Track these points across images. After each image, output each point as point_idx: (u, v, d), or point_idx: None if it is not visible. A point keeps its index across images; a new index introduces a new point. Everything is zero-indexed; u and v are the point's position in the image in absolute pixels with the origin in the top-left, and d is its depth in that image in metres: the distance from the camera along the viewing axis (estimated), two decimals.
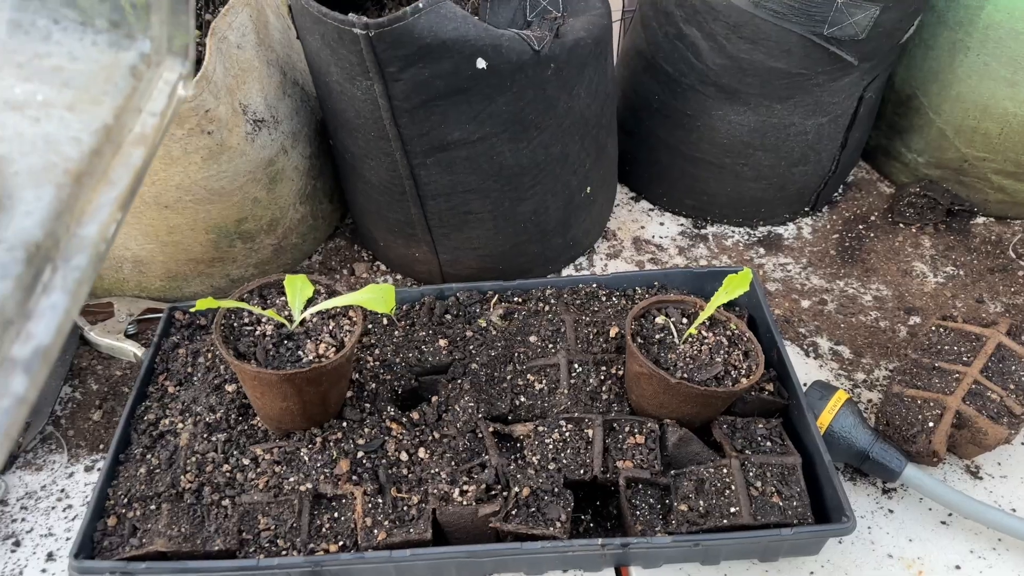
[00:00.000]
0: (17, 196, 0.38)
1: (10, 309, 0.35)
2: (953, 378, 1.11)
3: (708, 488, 0.95)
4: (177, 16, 0.49)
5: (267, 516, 0.95)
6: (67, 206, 0.40)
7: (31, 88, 0.43)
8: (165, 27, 0.48)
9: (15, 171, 0.39)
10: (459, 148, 1.16)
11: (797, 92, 1.30)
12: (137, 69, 0.47)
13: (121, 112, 0.45)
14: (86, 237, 0.40)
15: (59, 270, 0.38)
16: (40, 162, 0.40)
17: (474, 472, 0.98)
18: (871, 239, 1.50)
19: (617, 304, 1.21)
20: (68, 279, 0.38)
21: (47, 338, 0.36)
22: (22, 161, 0.40)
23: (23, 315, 0.36)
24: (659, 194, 1.56)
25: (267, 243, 1.33)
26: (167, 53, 0.49)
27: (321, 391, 0.97)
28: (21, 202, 0.38)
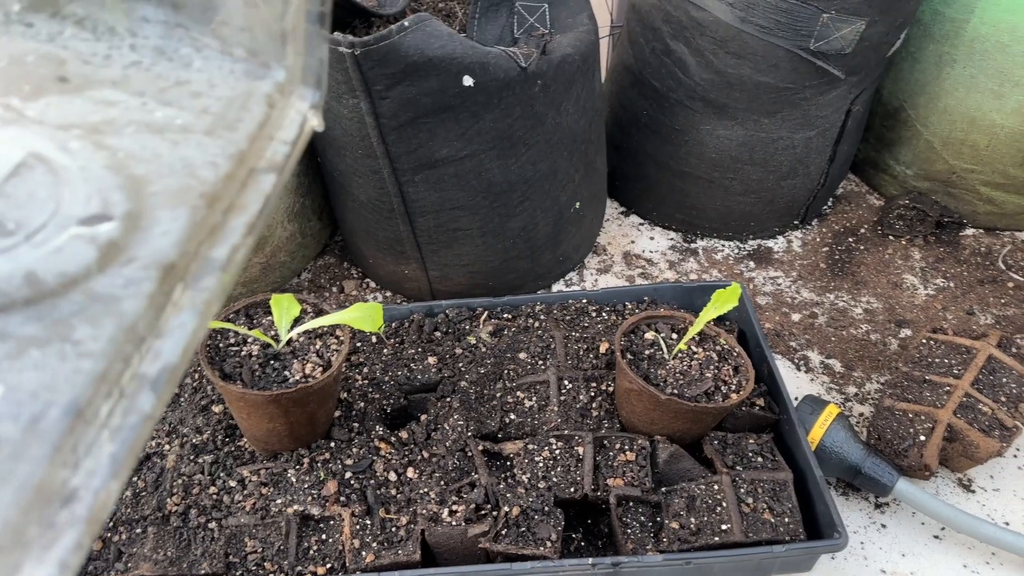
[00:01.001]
0: (154, 216, 0.40)
1: (142, 326, 0.36)
2: (944, 391, 1.11)
3: (699, 505, 0.94)
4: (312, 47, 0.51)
5: (254, 539, 0.94)
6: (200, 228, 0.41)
7: (172, 112, 0.45)
8: (300, 57, 0.50)
9: (153, 192, 0.41)
10: (447, 165, 1.16)
11: (785, 106, 1.30)
12: (271, 97, 0.49)
13: (255, 139, 0.46)
14: (216, 260, 0.41)
15: (189, 290, 0.39)
16: (177, 184, 0.42)
17: (463, 491, 0.97)
18: (861, 252, 1.50)
19: (607, 319, 1.21)
20: (197, 300, 0.39)
21: (174, 357, 0.37)
22: (160, 183, 0.41)
23: (154, 333, 0.37)
24: (649, 209, 1.56)
25: (255, 262, 1.33)
26: (300, 83, 0.51)
27: (308, 411, 0.96)
28: (157, 223, 0.39)
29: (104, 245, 0.38)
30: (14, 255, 0.37)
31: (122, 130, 0.44)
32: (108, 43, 0.47)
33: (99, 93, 0.46)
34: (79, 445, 0.33)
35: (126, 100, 0.45)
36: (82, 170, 0.41)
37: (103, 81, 0.46)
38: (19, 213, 0.39)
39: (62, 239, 0.38)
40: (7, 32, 0.48)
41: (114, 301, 0.36)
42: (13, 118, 0.44)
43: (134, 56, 0.47)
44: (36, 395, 0.33)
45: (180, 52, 0.48)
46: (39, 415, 0.32)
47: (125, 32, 0.47)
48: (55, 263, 0.37)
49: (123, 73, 0.47)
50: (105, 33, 0.48)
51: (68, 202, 0.39)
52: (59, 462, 0.32)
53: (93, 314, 0.36)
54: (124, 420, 0.34)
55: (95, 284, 0.37)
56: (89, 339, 0.35)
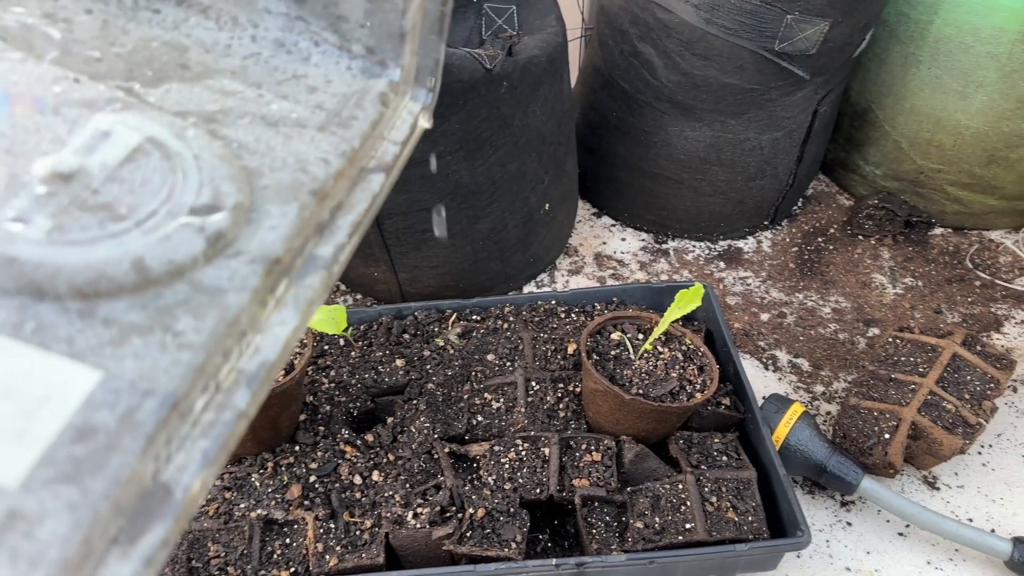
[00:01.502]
0: (263, 210, 0.39)
1: (244, 321, 0.36)
2: (909, 389, 1.12)
3: (664, 504, 0.94)
4: (429, 47, 0.50)
5: (217, 543, 0.93)
6: (308, 225, 0.40)
7: (287, 106, 0.45)
8: (416, 57, 0.49)
9: (264, 185, 0.40)
10: (413, 167, 1.16)
11: (751, 107, 1.31)
12: (386, 96, 0.48)
13: (367, 138, 0.46)
14: (321, 257, 0.41)
15: (292, 287, 0.39)
16: (288, 179, 0.41)
17: (429, 494, 0.97)
18: (830, 251, 1.51)
19: (576, 320, 1.21)
20: (300, 297, 0.39)
21: (273, 354, 0.36)
22: (271, 176, 0.41)
23: (255, 328, 0.36)
24: (620, 210, 1.56)
25: None
26: (414, 83, 0.50)
27: (271, 415, 0.96)
28: (267, 216, 0.39)
29: (212, 236, 0.37)
30: (123, 240, 0.36)
31: (237, 121, 0.43)
32: (230, 33, 0.47)
33: (218, 82, 0.46)
34: (172, 439, 0.33)
35: (243, 91, 0.45)
36: (196, 159, 0.41)
37: (223, 71, 0.46)
38: (132, 198, 0.38)
39: (172, 227, 0.37)
40: (135, 17, 0.47)
41: (219, 293, 0.36)
42: (134, 102, 0.43)
43: (254, 47, 0.47)
44: (134, 385, 0.32)
45: (299, 45, 0.48)
46: (135, 406, 0.32)
47: (247, 23, 0.47)
48: (163, 251, 0.36)
49: (242, 64, 0.46)
50: (228, 23, 0.48)
51: (180, 190, 0.39)
52: (151, 455, 0.31)
53: (197, 305, 0.35)
54: (218, 416, 0.34)
55: (201, 275, 0.36)
56: (191, 330, 0.34)
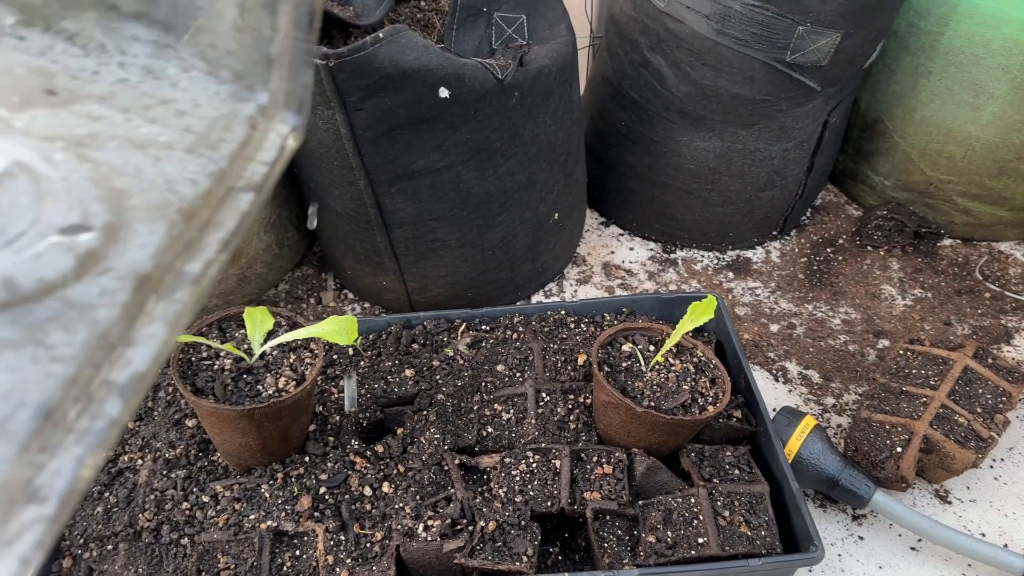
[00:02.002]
0: (132, 229, 0.41)
1: (114, 334, 0.37)
2: (920, 402, 1.11)
3: (676, 518, 0.94)
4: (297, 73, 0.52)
5: (227, 555, 0.93)
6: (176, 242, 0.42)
7: (155, 129, 0.47)
8: (284, 82, 0.51)
9: (133, 205, 0.42)
10: (424, 177, 1.16)
11: (761, 118, 1.31)
12: (254, 120, 0.50)
13: (235, 159, 0.48)
14: (189, 273, 0.42)
15: (162, 302, 0.40)
16: (157, 199, 0.43)
17: (439, 506, 0.97)
18: (839, 262, 1.51)
19: (586, 331, 1.21)
20: (169, 311, 0.40)
21: (144, 365, 0.38)
22: (140, 197, 0.43)
23: (125, 341, 0.38)
24: (628, 219, 1.56)
25: (231, 273, 1.31)
26: (283, 107, 0.52)
27: (281, 426, 0.95)
28: (136, 234, 0.41)
29: (82, 254, 0.39)
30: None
31: (106, 144, 0.45)
32: (97, 59, 0.48)
33: (85, 107, 0.47)
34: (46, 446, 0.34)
35: (112, 115, 0.47)
36: (64, 181, 0.42)
37: (90, 96, 0.48)
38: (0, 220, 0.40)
39: (41, 247, 0.39)
40: None
41: (89, 309, 0.37)
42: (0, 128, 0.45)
43: (122, 73, 0.48)
44: (7, 396, 0.34)
45: (167, 71, 0.49)
46: (8, 415, 0.33)
47: (115, 50, 0.48)
48: (33, 269, 0.38)
49: (110, 89, 0.48)
50: (95, 50, 0.49)
51: (49, 211, 0.41)
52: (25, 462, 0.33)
53: (68, 320, 0.37)
54: (91, 424, 0.35)
55: (71, 292, 0.38)
56: (62, 344, 0.36)
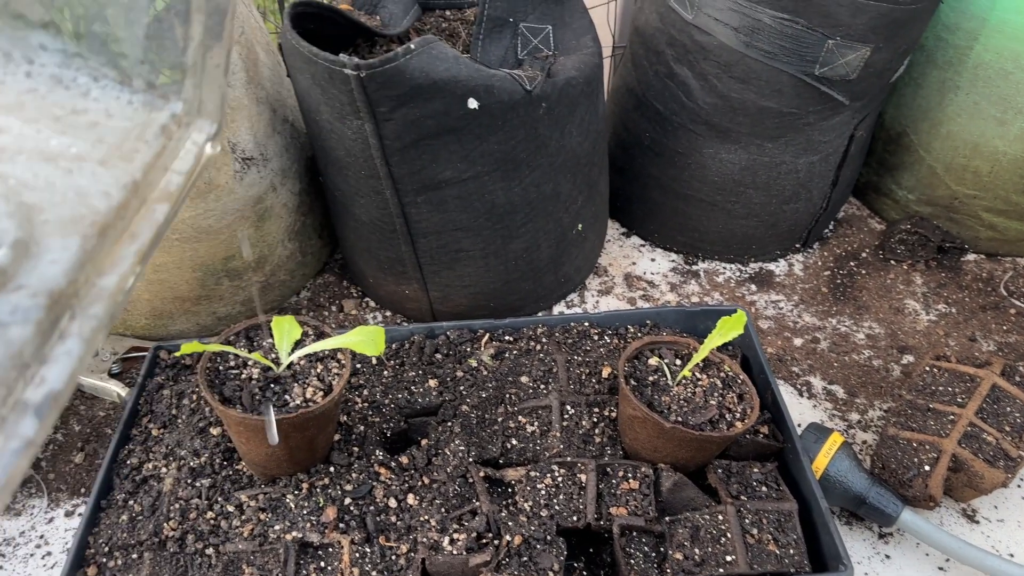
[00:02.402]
0: (44, 244, 0.40)
1: (28, 353, 0.36)
2: (948, 420, 1.10)
3: (704, 535, 0.93)
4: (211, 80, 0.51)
5: (252, 565, 0.92)
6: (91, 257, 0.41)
7: (66, 141, 0.45)
8: (198, 90, 0.50)
9: (44, 219, 0.41)
10: (450, 187, 1.16)
11: (788, 131, 1.30)
12: (168, 129, 0.49)
13: (149, 169, 0.46)
14: (105, 288, 0.41)
15: (77, 318, 0.40)
16: (69, 213, 0.42)
17: (464, 519, 0.96)
18: (863, 276, 1.50)
19: (609, 343, 1.20)
20: (85, 327, 0.39)
21: (59, 384, 0.37)
22: (52, 211, 0.41)
23: (39, 359, 0.37)
24: (650, 230, 1.55)
25: (254, 280, 1.32)
26: (197, 115, 0.51)
27: (308, 436, 0.95)
28: (48, 250, 0.40)
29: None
30: None
31: (14, 157, 0.43)
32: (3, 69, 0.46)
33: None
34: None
35: (20, 127, 0.45)
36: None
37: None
38: None
39: None
40: None
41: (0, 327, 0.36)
42: None
43: (30, 83, 0.46)
44: None
45: (78, 81, 0.47)
46: None
47: (21, 59, 0.46)
48: None
49: (18, 100, 0.46)
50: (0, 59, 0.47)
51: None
52: None
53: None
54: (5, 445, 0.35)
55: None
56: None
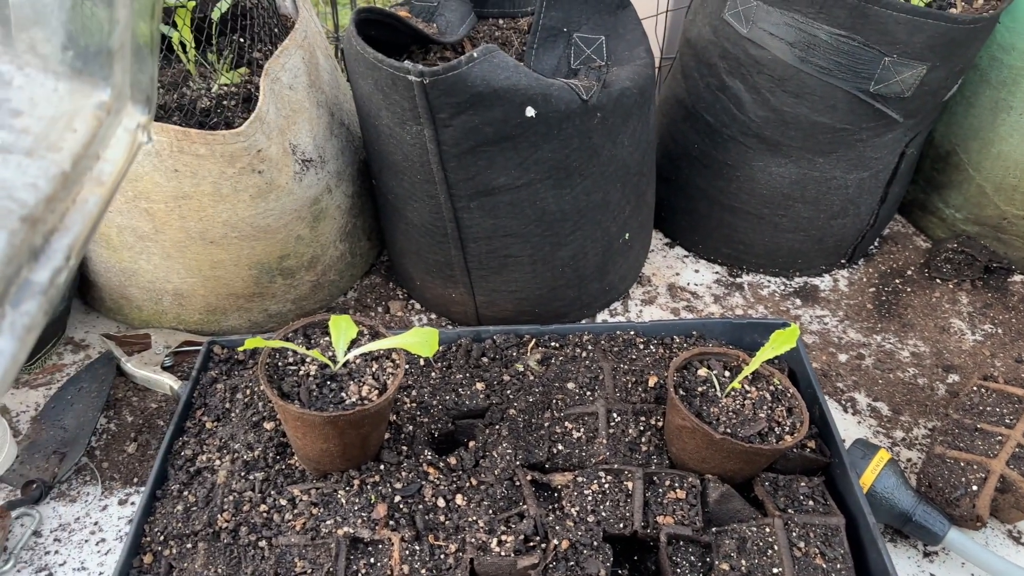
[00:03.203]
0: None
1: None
2: (996, 440, 1.10)
3: (751, 547, 0.93)
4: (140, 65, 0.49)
5: (304, 559, 0.94)
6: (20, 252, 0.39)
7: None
8: (127, 75, 0.49)
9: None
10: (503, 193, 1.17)
11: (840, 147, 1.30)
12: (98, 116, 0.47)
13: (79, 159, 0.44)
14: (37, 283, 0.40)
15: (7, 316, 0.38)
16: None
17: (512, 522, 0.97)
18: (908, 294, 1.49)
19: (655, 353, 1.21)
20: (17, 325, 0.38)
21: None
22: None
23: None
24: (695, 241, 1.56)
25: (306, 279, 1.34)
26: (128, 101, 0.49)
27: (362, 434, 0.97)
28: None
29: None
30: None
31: None
32: None
33: None
34: None
35: None
36: None
37: None
38: None
39: None
40: None
41: None
42: None
43: None
44: None
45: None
46: None
47: None
48: None
49: None
50: None
51: None
52: None
53: None
54: None
55: None
56: None
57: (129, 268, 1.25)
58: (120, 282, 1.28)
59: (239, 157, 1.09)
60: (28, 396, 1.27)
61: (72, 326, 1.39)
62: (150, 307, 1.32)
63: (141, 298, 1.30)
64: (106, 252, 1.24)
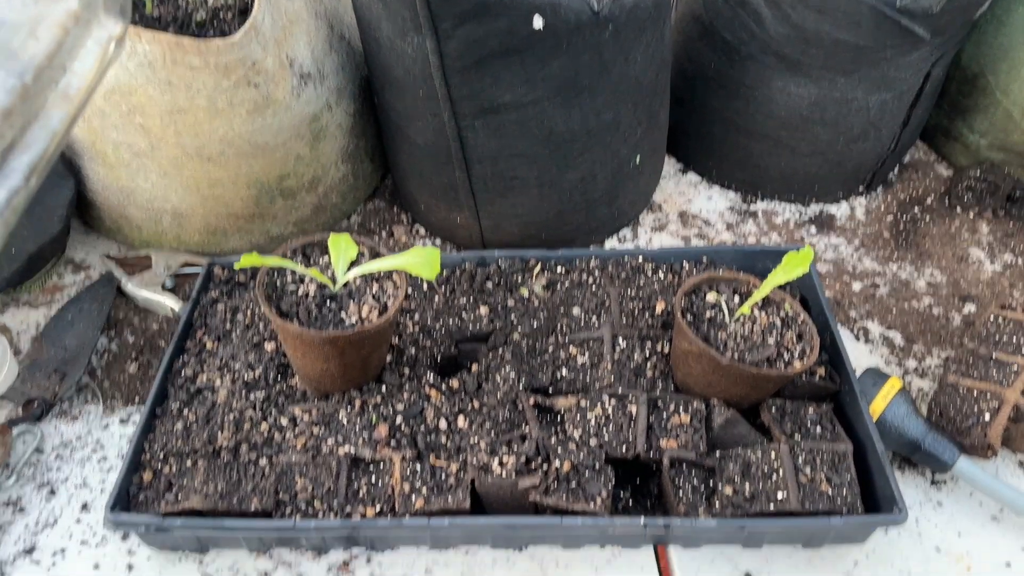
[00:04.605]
0: None
1: None
2: (1011, 370, 1.07)
3: (755, 472, 0.92)
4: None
5: (304, 477, 0.94)
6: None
7: None
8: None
9: None
10: (509, 111, 1.13)
11: (863, 66, 1.24)
12: (64, 25, 0.43)
13: (42, 70, 0.41)
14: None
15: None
16: None
17: (514, 443, 0.96)
18: (926, 223, 1.45)
19: (663, 279, 1.18)
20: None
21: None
22: None
23: None
24: (708, 167, 1.51)
25: (308, 201, 1.31)
26: (101, 10, 0.46)
27: (362, 354, 0.95)
28: None
29: None
30: None
31: None
32: None
33: None
34: None
35: None
36: None
37: None
38: None
39: None
40: None
41: None
42: None
43: None
44: None
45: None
46: None
47: None
48: None
49: None
50: None
51: None
52: None
53: None
54: None
55: None
56: None
57: (127, 187, 1.22)
58: (119, 201, 1.26)
59: (234, 69, 1.05)
60: (29, 316, 1.26)
61: (72, 246, 1.37)
62: (150, 227, 1.29)
63: (140, 218, 1.28)
64: (103, 170, 1.21)
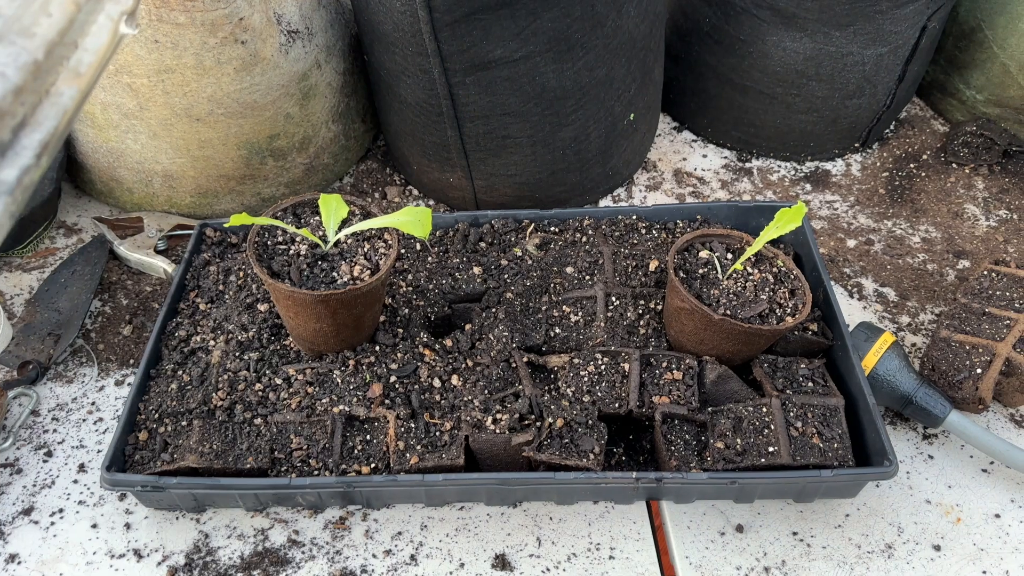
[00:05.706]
0: None
1: None
2: (1004, 324, 1.07)
3: (746, 427, 0.93)
4: None
5: (299, 436, 0.94)
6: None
7: None
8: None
9: None
10: (500, 67, 1.12)
11: (858, 19, 1.23)
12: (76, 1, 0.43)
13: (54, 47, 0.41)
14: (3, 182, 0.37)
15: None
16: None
17: (507, 401, 0.97)
18: (922, 179, 1.44)
19: (657, 237, 1.18)
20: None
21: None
22: None
23: None
24: (703, 124, 1.50)
25: (299, 162, 1.30)
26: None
27: (355, 314, 0.95)
28: None
29: None
30: None
31: None
32: None
33: None
34: None
35: None
36: None
37: None
38: None
39: None
40: None
41: None
42: None
43: None
44: None
45: None
46: None
47: None
48: None
49: None
50: None
51: None
52: None
53: None
54: None
55: None
56: None
57: (116, 148, 1.21)
58: (109, 163, 1.25)
59: (220, 26, 1.04)
60: (21, 279, 1.25)
61: (63, 210, 1.36)
62: (141, 189, 1.28)
63: (131, 180, 1.27)
64: (92, 131, 1.20)
